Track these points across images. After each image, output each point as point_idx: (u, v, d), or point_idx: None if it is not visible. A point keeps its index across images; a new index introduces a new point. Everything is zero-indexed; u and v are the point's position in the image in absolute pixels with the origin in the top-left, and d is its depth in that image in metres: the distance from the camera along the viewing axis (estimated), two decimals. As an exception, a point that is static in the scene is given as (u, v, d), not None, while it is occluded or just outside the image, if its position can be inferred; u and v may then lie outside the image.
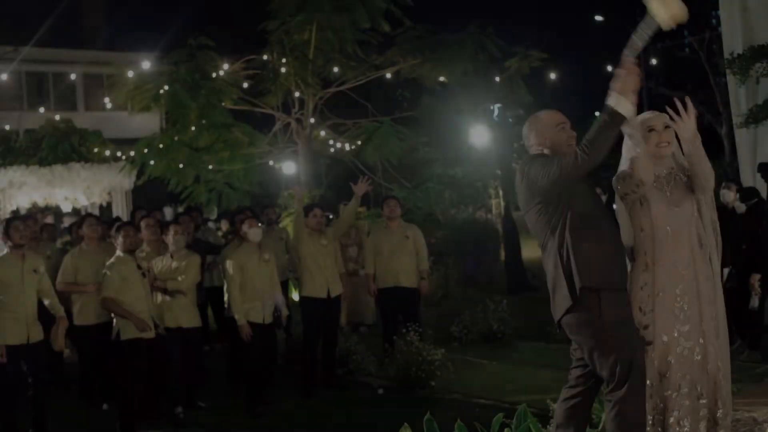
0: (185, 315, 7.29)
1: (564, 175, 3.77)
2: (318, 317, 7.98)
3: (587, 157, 3.67)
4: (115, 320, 6.85)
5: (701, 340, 4.12)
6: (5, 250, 6.53)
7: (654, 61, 28.71)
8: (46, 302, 6.75)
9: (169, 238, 7.41)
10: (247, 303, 7.33)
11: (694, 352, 4.10)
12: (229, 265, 7.37)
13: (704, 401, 4.11)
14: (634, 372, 3.82)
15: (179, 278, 7.24)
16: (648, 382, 4.06)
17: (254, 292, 7.33)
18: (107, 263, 6.87)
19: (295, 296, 9.64)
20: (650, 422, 4.11)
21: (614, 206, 4.40)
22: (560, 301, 3.85)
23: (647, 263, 4.16)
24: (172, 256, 7.33)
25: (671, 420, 4.11)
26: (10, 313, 6.29)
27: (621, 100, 3.62)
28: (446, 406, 6.88)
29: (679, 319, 4.10)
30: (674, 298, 4.11)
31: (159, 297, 7.21)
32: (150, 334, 6.79)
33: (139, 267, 6.91)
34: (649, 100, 29.99)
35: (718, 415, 4.13)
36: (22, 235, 6.44)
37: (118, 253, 6.88)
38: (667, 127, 4.17)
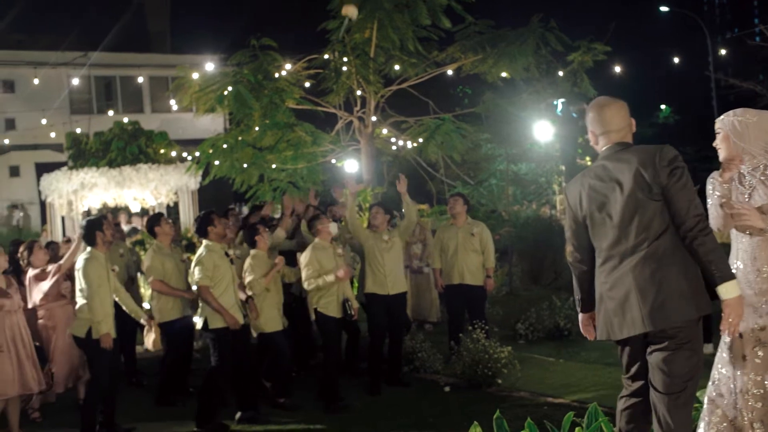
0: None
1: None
2: (381, 313, 7.98)
3: (696, 239, 3.73)
4: (199, 311, 7.00)
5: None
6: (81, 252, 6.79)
7: (723, 51, 27.78)
8: (124, 300, 7.13)
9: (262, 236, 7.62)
10: (325, 298, 7.49)
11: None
12: (306, 261, 7.49)
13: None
14: None
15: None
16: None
17: (330, 287, 7.44)
18: (198, 253, 7.06)
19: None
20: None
21: None
22: (683, 308, 3.79)
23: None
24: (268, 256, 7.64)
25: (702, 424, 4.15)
26: (104, 309, 6.56)
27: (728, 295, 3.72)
28: (514, 404, 6.82)
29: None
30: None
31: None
32: (238, 324, 6.93)
33: (227, 254, 7.09)
34: (717, 91, 29.17)
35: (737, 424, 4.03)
36: (112, 232, 6.91)
37: (206, 242, 7.03)
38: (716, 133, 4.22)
